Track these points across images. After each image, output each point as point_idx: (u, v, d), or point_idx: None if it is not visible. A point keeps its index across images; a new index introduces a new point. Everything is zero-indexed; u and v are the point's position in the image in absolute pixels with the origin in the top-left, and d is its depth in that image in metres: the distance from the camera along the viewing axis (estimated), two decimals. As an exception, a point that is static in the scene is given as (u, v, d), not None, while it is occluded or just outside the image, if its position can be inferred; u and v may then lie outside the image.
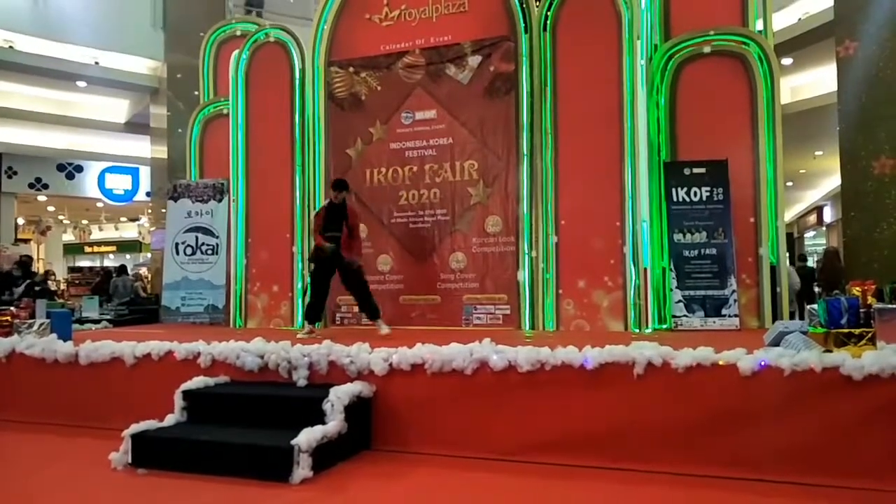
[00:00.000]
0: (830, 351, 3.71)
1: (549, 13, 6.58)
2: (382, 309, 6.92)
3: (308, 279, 6.75)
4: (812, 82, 12.00)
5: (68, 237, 25.86)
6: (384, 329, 5.90)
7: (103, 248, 27.51)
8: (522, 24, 6.66)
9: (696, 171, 6.21)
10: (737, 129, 6.27)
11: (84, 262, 25.82)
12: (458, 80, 6.91)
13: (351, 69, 7.33)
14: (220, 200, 7.90)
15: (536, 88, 6.58)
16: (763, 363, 3.62)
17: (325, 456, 3.80)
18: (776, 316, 6.00)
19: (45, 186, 17.70)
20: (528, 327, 6.45)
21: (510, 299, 6.58)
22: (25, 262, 10.63)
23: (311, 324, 6.14)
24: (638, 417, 3.82)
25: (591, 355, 3.94)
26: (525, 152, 6.61)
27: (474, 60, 6.84)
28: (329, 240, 6.07)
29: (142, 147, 15.53)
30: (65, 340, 5.42)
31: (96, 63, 14.05)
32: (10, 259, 11.26)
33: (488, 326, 6.54)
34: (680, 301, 6.01)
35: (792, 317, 5.92)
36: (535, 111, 6.58)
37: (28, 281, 9.52)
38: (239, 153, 7.77)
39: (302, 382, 4.51)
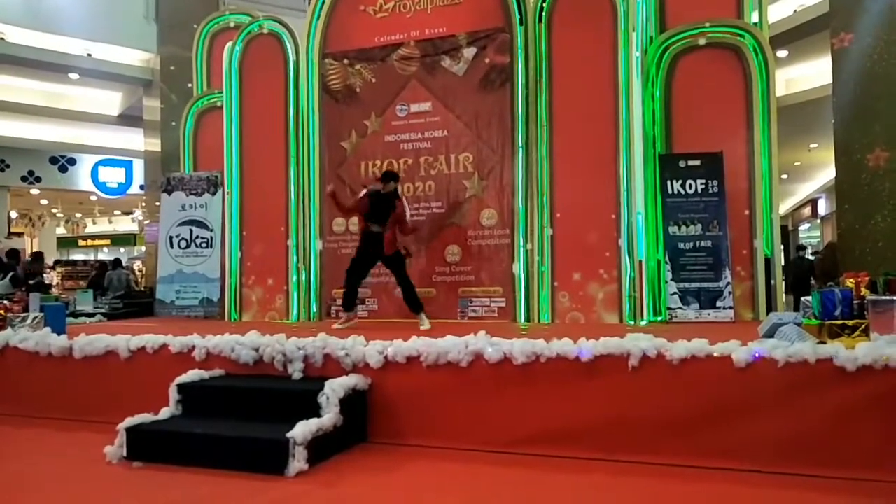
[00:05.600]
0: (824, 342, 3.73)
1: (544, 5, 6.56)
2: (377, 301, 6.94)
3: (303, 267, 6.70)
4: (807, 75, 12.02)
5: (61, 231, 25.74)
6: (425, 324, 5.82)
7: (97, 242, 27.42)
8: (518, 16, 6.63)
9: (691, 163, 6.21)
10: (732, 122, 6.27)
11: (78, 256, 25.71)
12: (453, 72, 6.88)
13: (345, 61, 7.29)
14: (214, 193, 7.87)
15: (532, 80, 6.56)
16: (757, 355, 3.64)
17: (320, 449, 3.80)
18: (770, 308, 6.02)
19: (38, 179, 17.61)
20: (523, 320, 6.46)
21: (505, 292, 6.58)
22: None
23: (347, 311, 6.14)
24: (633, 409, 3.83)
25: (587, 347, 3.95)
26: (520, 145, 6.59)
27: (469, 52, 6.82)
28: (371, 234, 6.00)
29: (135, 140, 15.47)
30: (59, 334, 5.39)
31: (89, 55, 13.96)
32: (1, 252, 11.20)
33: (484, 319, 6.54)
34: (675, 293, 6.03)
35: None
36: (531, 103, 6.56)
37: (12, 273, 9.44)
38: (233, 146, 7.73)
39: (297, 375, 4.51)
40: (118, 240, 26.45)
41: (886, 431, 3.41)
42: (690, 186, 6.18)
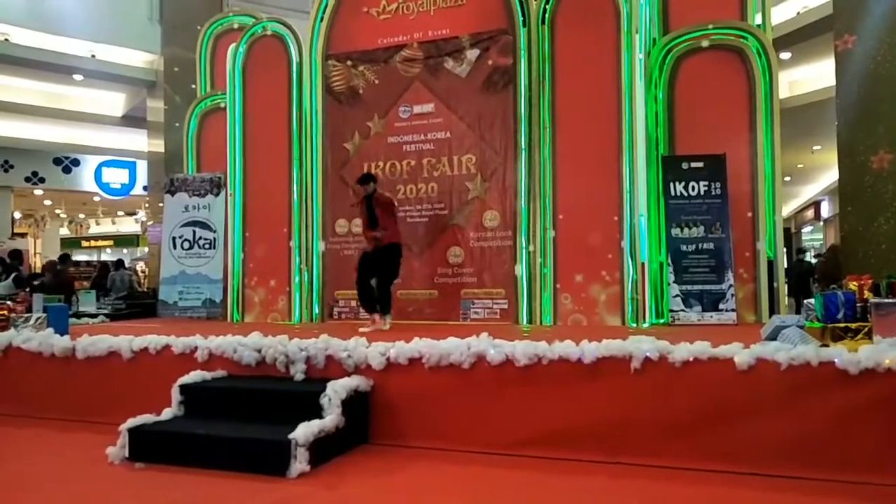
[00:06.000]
0: (827, 345, 3.72)
1: (547, 6, 6.57)
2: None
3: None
4: (810, 77, 11.99)
5: (65, 231, 25.78)
6: (385, 325, 5.87)
7: (101, 243, 27.45)
8: (521, 18, 6.64)
9: (693, 165, 6.21)
10: (735, 124, 6.27)
11: (81, 257, 25.74)
12: (456, 73, 6.89)
13: (349, 63, 7.31)
14: (217, 194, 7.88)
15: (534, 82, 6.57)
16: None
17: (322, 450, 3.80)
18: (773, 310, 6.01)
19: (42, 180, 17.66)
20: (525, 321, 6.45)
21: (508, 294, 6.58)
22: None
23: (371, 313, 6.16)
24: (635, 412, 3.82)
25: (589, 349, 3.94)
26: (523, 146, 6.60)
27: (472, 54, 6.82)
28: (372, 238, 6.10)
29: (139, 141, 15.51)
30: (62, 335, 5.41)
31: (93, 56, 13.98)
32: (4, 252, 11.25)
33: (486, 321, 6.54)
34: (677, 295, 6.02)
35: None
36: (533, 105, 6.56)
37: (15, 274, 9.47)
38: (236, 147, 7.75)
39: (299, 377, 4.51)
40: (121, 241, 26.46)
41: (889, 434, 3.39)
42: (693, 188, 6.18)
